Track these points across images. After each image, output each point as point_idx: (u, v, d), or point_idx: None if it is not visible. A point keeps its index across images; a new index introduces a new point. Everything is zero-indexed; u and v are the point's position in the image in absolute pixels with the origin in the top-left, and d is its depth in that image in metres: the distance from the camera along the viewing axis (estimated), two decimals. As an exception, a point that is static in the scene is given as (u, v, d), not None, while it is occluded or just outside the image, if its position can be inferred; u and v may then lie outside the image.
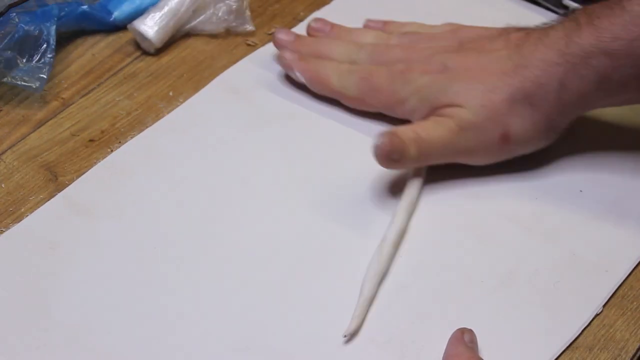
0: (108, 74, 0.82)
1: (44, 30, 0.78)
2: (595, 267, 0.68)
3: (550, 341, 0.64)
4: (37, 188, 0.72)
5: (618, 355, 0.64)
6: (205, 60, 0.83)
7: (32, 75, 0.78)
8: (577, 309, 0.66)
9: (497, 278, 0.67)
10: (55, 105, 0.79)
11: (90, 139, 0.76)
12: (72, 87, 0.80)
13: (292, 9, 0.88)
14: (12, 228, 0.69)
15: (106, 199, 0.71)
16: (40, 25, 0.78)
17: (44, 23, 0.78)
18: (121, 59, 0.83)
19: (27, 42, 0.78)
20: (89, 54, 0.83)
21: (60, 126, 0.77)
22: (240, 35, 0.85)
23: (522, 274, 0.68)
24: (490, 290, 0.66)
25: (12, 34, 0.78)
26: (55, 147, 0.75)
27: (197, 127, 0.77)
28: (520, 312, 0.65)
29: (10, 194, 0.72)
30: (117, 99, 0.79)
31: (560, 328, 0.65)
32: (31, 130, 0.77)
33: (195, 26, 0.85)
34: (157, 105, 0.79)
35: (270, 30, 0.86)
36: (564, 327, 0.65)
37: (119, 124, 0.77)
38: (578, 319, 0.65)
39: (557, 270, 0.68)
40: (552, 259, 0.69)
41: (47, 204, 0.70)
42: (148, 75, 0.82)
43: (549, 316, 0.65)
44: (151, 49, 0.83)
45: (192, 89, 0.80)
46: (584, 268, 0.68)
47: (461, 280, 0.67)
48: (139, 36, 0.83)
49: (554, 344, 0.64)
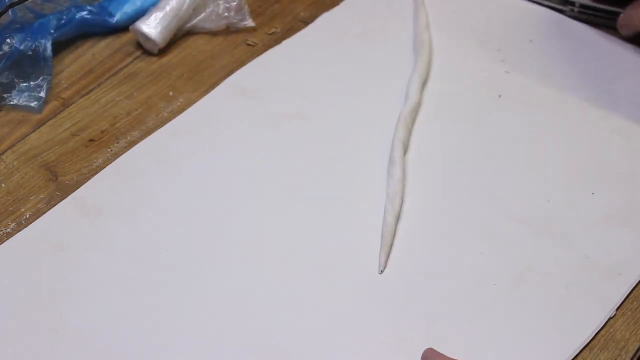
0: (108, 74, 0.82)
1: (39, 48, 0.78)
2: (608, 270, 0.68)
3: (563, 344, 0.64)
4: (37, 188, 0.72)
5: (618, 356, 0.64)
6: (205, 60, 0.83)
7: (30, 95, 0.78)
8: (590, 312, 0.65)
9: (509, 280, 0.67)
10: (55, 105, 0.79)
11: (90, 138, 0.76)
12: (72, 87, 0.80)
13: (292, 9, 0.88)
14: (23, 230, 0.69)
15: (116, 201, 0.71)
16: (36, 42, 0.78)
17: (39, 39, 0.78)
18: (121, 59, 0.83)
19: (24, 62, 0.78)
20: (89, 54, 0.83)
21: (60, 126, 0.77)
22: (241, 32, 0.85)
23: (535, 277, 0.67)
24: (503, 292, 0.66)
25: (8, 56, 0.78)
26: (55, 147, 0.75)
27: (206, 129, 0.77)
28: (533, 314, 0.65)
29: (10, 193, 0.72)
30: (117, 99, 0.79)
31: (573, 331, 0.64)
32: (31, 130, 0.77)
33: (196, 24, 0.85)
34: (157, 105, 0.79)
35: (271, 30, 0.86)
36: (577, 331, 0.64)
37: (119, 124, 0.77)
38: (591, 322, 0.65)
39: (570, 273, 0.68)
40: (564, 261, 0.68)
41: (57, 206, 0.70)
42: (148, 75, 0.82)
43: (562, 319, 0.65)
44: (154, 50, 0.83)
45: (192, 89, 0.80)
46: (597, 271, 0.68)
47: (474, 283, 0.67)
48: (141, 37, 0.83)
49: (566, 347, 0.63)
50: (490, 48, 0.84)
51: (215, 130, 0.77)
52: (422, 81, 0.81)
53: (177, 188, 0.72)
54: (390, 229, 0.69)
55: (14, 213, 0.70)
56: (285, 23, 0.87)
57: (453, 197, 0.72)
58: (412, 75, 0.81)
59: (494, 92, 0.80)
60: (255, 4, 0.88)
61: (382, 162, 0.74)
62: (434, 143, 0.76)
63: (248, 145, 0.75)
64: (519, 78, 0.81)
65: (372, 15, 0.87)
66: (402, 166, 0.73)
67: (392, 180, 0.72)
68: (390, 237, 0.68)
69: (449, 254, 0.69)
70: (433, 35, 0.85)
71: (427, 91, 0.81)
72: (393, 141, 0.75)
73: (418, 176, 0.74)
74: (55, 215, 0.70)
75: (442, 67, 0.83)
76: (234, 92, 0.80)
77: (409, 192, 0.72)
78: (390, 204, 0.71)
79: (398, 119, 0.77)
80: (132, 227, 0.69)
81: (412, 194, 0.72)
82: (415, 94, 0.79)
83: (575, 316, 0.65)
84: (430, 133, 0.77)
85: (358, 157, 0.75)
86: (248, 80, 0.81)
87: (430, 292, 0.66)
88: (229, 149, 0.75)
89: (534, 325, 0.65)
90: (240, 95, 0.79)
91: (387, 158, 0.74)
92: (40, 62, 0.79)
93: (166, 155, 0.74)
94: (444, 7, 0.88)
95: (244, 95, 0.79)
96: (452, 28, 0.86)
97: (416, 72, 0.81)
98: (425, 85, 0.81)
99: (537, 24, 0.86)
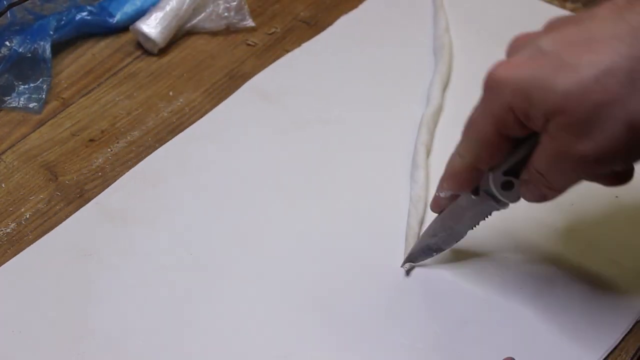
0: (108, 74, 0.82)
1: (39, 49, 0.78)
2: (634, 273, 0.67)
3: (590, 348, 0.63)
4: (37, 188, 0.72)
5: (618, 356, 0.64)
6: (205, 60, 0.83)
7: (30, 97, 0.78)
8: (618, 315, 0.65)
9: (535, 285, 0.66)
10: (55, 105, 0.79)
11: (90, 138, 0.76)
12: (72, 87, 0.80)
13: (292, 9, 0.88)
14: (45, 236, 0.68)
15: (138, 206, 0.71)
16: (35, 44, 0.78)
17: (38, 41, 0.78)
18: (121, 59, 0.83)
19: (23, 64, 0.79)
20: (89, 54, 0.83)
21: (60, 126, 0.77)
22: (241, 32, 0.85)
23: (561, 281, 0.67)
24: (530, 297, 0.66)
25: (7, 59, 0.78)
26: (55, 147, 0.75)
27: (228, 133, 0.76)
28: (560, 318, 0.65)
29: (11, 193, 0.72)
30: (117, 99, 0.79)
31: (600, 335, 0.64)
32: (31, 130, 0.77)
33: (196, 24, 0.85)
34: (157, 105, 0.79)
35: (271, 30, 0.86)
36: (605, 335, 0.64)
37: (119, 124, 0.77)
38: (619, 326, 0.64)
39: (596, 277, 0.67)
40: (590, 265, 0.68)
41: (79, 211, 0.70)
42: (148, 75, 0.82)
43: (589, 323, 0.64)
44: (154, 50, 0.83)
45: (192, 89, 0.80)
46: (623, 274, 0.67)
47: (501, 287, 0.66)
48: (142, 37, 0.83)
49: (594, 352, 0.63)
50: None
51: (235, 134, 0.76)
52: (444, 84, 0.80)
53: (200, 193, 0.72)
54: (414, 233, 0.68)
55: (14, 213, 0.70)
56: (285, 23, 0.87)
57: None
58: (434, 78, 0.81)
59: None
60: (255, 4, 0.88)
61: (405, 166, 0.74)
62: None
63: (269, 150, 0.75)
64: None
65: (391, 18, 0.87)
66: (425, 170, 0.73)
67: (416, 185, 0.72)
68: (414, 241, 0.68)
69: (473, 258, 0.68)
70: (452, 37, 0.84)
71: (449, 94, 0.80)
72: (416, 145, 0.75)
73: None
74: (78, 220, 0.70)
75: (462, 69, 0.82)
76: (254, 96, 0.79)
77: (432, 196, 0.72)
78: (414, 208, 0.70)
79: (420, 122, 0.76)
80: (156, 232, 0.69)
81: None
82: (437, 97, 0.79)
83: (603, 320, 0.65)
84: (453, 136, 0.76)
85: (381, 161, 0.75)
86: (268, 84, 0.80)
87: (456, 297, 0.66)
88: (250, 154, 0.75)
89: (562, 329, 0.64)
90: (260, 99, 0.79)
91: (410, 162, 0.74)
92: (40, 64, 0.79)
93: (187, 160, 0.74)
94: (463, 9, 0.88)
95: (264, 99, 0.79)
96: (471, 30, 0.86)
97: (437, 74, 0.81)
98: (447, 88, 0.81)
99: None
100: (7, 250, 0.68)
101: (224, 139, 0.76)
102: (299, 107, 0.79)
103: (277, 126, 0.77)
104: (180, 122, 0.78)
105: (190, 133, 0.76)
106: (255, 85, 0.80)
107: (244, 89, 0.80)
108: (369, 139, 0.76)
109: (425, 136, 0.75)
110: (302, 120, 0.77)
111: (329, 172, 0.74)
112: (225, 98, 0.80)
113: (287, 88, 0.80)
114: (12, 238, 0.69)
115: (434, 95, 0.79)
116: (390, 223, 0.70)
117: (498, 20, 0.86)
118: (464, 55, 0.84)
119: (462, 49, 0.84)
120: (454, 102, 0.79)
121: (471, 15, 0.87)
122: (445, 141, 0.76)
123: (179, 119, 0.78)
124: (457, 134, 0.76)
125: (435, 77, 0.80)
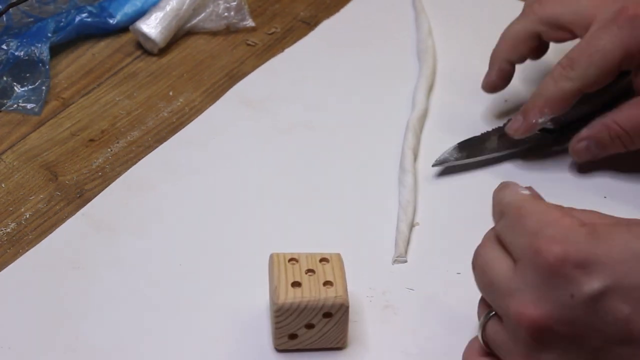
0: (108, 74, 0.82)
1: (36, 52, 0.78)
2: None
3: None
4: (37, 188, 0.72)
5: (618, 355, 0.64)
6: (205, 60, 0.83)
7: (29, 98, 0.78)
8: None
9: None
10: (55, 105, 0.79)
11: (90, 138, 0.76)
12: (72, 87, 0.80)
13: (292, 9, 0.88)
14: (35, 247, 0.68)
15: (127, 215, 0.70)
16: (33, 46, 0.78)
17: (36, 44, 0.78)
18: (121, 59, 0.83)
19: (21, 67, 0.79)
20: (89, 54, 0.83)
21: (60, 126, 0.77)
22: (241, 32, 0.85)
23: None
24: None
25: (4, 62, 0.78)
26: (55, 147, 0.75)
27: (214, 140, 0.76)
28: None
29: (10, 193, 0.72)
30: (117, 99, 0.79)
31: None
32: (31, 130, 0.77)
33: (196, 24, 0.85)
34: (157, 105, 0.79)
35: (271, 30, 0.86)
36: None
37: (119, 124, 0.77)
38: None
39: None
40: None
41: (68, 221, 0.70)
42: (148, 75, 0.82)
43: None
44: (154, 50, 0.83)
45: (192, 89, 0.80)
46: None
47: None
48: (142, 37, 0.83)
49: None
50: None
51: (222, 140, 0.76)
52: (429, 87, 0.80)
53: (188, 201, 0.71)
54: (404, 237, 0.68)
55: (14, 213, 0.70)
56: (285, 23, 0.87)
57: (467, 204, 0.71)
58: (418, 81, 0.80)
59: (500, 97, 0.79)
60: (255, 4, 0.88)
61: (392, 170, 0.73)
62: (443, 150, 0.75)
63: (256, 156, 0.75)
64: (525, 82, 0.81)
65: (373, 22, 0.87)
66: (413, 174, 0.73)
67: (405, 189, 0.72)
68: (404, 245, 0.68)
69: (465, 262, 0.67)
70: (435, 41, 0.84)
71: (434, 97, 0.80)
72: (403, 149, 0.75)
73: (429, 184, 0.73)
74: (66, 230, 0.69)
75: (446, 72, 0.82)
76: (240, 101, 0.79)
77: (420, 200, 0.72)
78: (404, 213, 0.70)
79: (407, 127, 0.76)
80: (145, 242, 0.68)
81: (424, 201, 0.72)
82: (423, 101, 0.79)
83: None
84: (439, 140, 0.76)
85: (367, 166, 0.74)
86: (253, 90, 0.80)
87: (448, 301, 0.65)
88: (238, 160, 0.74)
89: None
90: (246, 105, 0.79)
91: (397, 166, 0.74)
92: (38, 66, 0.79)
93: (175, 167, 0.74)
94: (444, 12, 0.88)
95: (250, 105, 0.79)
96: (453, 33, 0.86)
97: (422, 78, 0.81)
98: (432, 91, 0.81)
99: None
100: (7, 250, 0.68)
101: (210, 145, 0.75)
102: (283, 112, 0.78)
103: (262, 132, 0.77)
104: (180, 122, 0.78)
105: (176, 140, 0.76)
106: (238, 91, 0.80)
107: (230, 94, 0.80)
108: (354, 143, 0.76)
109: (412, 140, 0.75)
110: (287, 126, 0.77)
111: (316, 178, 0.73)
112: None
113: (271, 93, 0.80)
114: (12, 238, 0.69)
115: (419, 99, 0.79)
116: (379, 228, 0.70)
117: (480, 22, 0.85)
118: (447, 58, 0.84)
119: (446, 52, 0.84)
120: (439, 106, 0.79)
121: (452, 17, 0.87)
122: (431, 145, 0.76)
123: (179, 119, 0.78)
124: (444, 136, 0.76)
125: (420, 81, 0.80)
